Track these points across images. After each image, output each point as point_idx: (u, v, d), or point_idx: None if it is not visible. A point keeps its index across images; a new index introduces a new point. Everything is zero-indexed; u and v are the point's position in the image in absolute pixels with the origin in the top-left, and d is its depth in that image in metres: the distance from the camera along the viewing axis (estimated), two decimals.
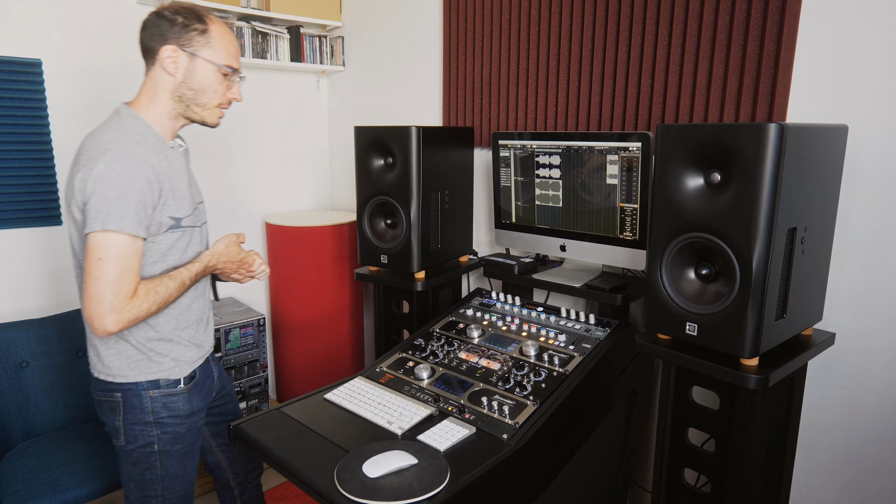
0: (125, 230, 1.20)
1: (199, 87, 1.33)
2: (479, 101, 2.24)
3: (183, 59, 1.31)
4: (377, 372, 1.64)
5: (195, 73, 1.32)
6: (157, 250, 1.31)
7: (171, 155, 1.37)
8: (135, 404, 1.36)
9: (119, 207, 1.19)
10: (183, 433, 1.41)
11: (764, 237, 1.14)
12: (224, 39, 1.35)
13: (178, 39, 1.29)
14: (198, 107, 1.36)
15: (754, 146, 1.12)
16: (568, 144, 1.74)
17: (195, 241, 1.42)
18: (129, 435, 1.36)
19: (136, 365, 1.35)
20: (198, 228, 1.43)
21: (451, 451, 1.27)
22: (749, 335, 1.18)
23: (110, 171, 1.19)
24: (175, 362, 1.40)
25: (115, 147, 1.22)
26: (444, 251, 2.06)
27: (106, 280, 1.19)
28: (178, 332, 1.40)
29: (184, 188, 1.37)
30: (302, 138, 3.02)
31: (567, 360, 1.54)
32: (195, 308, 1.45)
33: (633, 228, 1.64)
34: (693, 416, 1.40)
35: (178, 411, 1.40)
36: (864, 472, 1.50)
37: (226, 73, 1.36)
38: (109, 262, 1.19)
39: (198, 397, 1.46)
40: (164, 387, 1.38)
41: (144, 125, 1.31)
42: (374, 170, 1.96)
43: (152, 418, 1.37)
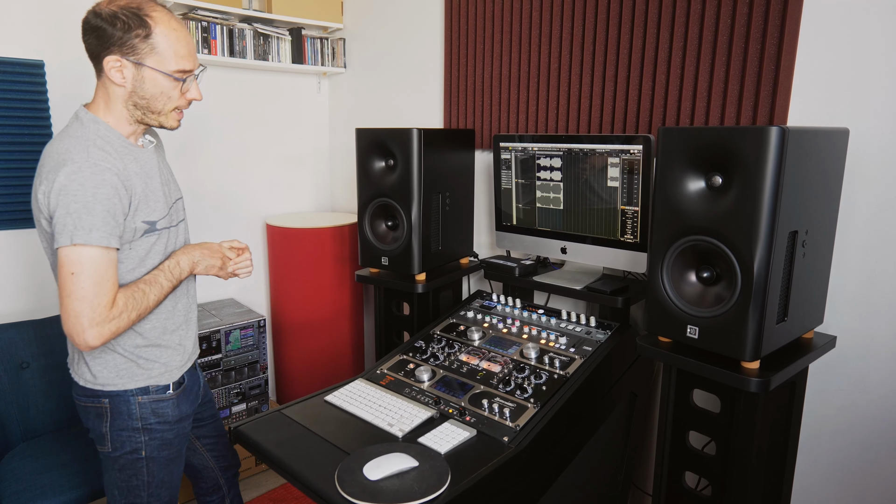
0: (94, 242, 1.15)
1: (150, 95, 1.25)
2: (481, 103, 2.24)
3: (129, 68, 1.22)
4: (378, 374, 1.64)
5: (144, 83, 1.24)
6: (135, 256, 1.28)
7: (141, 155, 1.31)
8: (122, 410, 1.33)
9: (85, 220, 1.14)
10: (171, 439, 1.40)
11: (765, 240, 1.14)
12: (171, 40, 1.23)
13: (120, 49, 1.20)
14: (153, 114, 1.28)
15: (755, 149, 1.12)
16: (569, 147, 1.74)
17: (173, 242, 1.38)
18: (116, 441, 1.35)
19: (125, 373, 1.33)
20: (174, 228, 1.38)
21: (452, 453, 1.27)
22: (750, 338, 1.18)
23: (72, 182, 1.14)
24: (165, 367, 1.38)
25: (75, 156, 1.16)
26: (445, 253, 2.06)
27: (82, 294, 1.15)
28: (165, 335, 1.38)
29: (157, 189, 1.32)
30: (303, 140, 3.02)
31: (568, 362, 1.54)
32: (180, 308, 1.42)
33: (634, 231, 1.64)
34: (694, 419, 1.39)
35: (167, 417, 1.38)
36: (865, 475, 1.50)
37: (179, 76, 1.26)
38: (83, 275, 1.15)
39: (186, 403, 1.44)
40: (153, 392, 1.36)
41: (106, 128, 1.26)
42: (375, 172, 1.97)
43: (140, 424, 1.35)
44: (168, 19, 1.24)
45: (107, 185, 1.17)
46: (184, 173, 2.53)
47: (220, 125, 2.69)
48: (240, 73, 2.72)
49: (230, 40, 2.52)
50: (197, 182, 2.63)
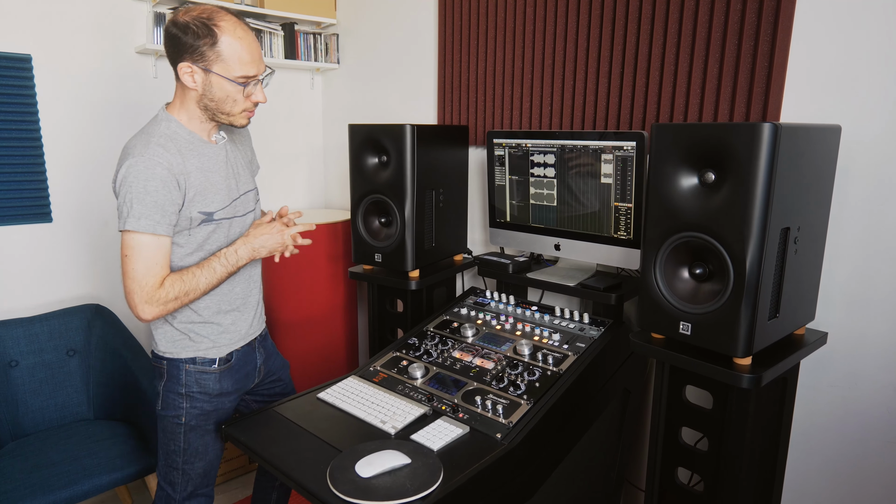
0: (142, 229, 1.28)
1: (218, 98, 1.36)
2: (475, 99, 2.23)
3: (199, 74, 1.33)
4: (371, 371, 1.63)
5: (212, 87, 1.34)
6: (193, 242, 1.39)
7: (208, 150, 1.42)
8: (174, 374, 1.46)
9: (136, 208, 1.27)
10: (209, 411, 1.49)
11: (757, 237, 1.14)
12: (237, 48, 1.33)
13: (191, 55, 1.31)
14: (223, 114, 1.39)
15: (748, 146, 1.12)
16: (562, 143, 1.74)
17: (237, 231, 1.48)
18: (165, 401, 1.48)
19: (178, 343, 1.46)
20: (238, 218, 1.48)
21: (445, 450, 1.27)
22: (742, 335, 1.19)
23: (130, 174, 1.28)
24: (213, 343, 1.48)
25: (136, 150, 1.30)
26: (439, 250, 2.06)
27: (133, 275, 1.30)
28: (219, 315, 1.48)
29: (218, 182, 1.42)
30: (296, 136, 3.00)
31: (561, 359, 1.53)
32: (238, 292, 1.51)
33: (628, 228, 1.64)
34: (686, 415, 1.40)
35: (208, 388, 1.48)
36: (856, 470, 1.51)
37: (242, 82, 1.36)
38: (133, 258, 1.29)
39: (230, 380, 1.51)
40: (199, 364, 1.47)
41: (177, 125, 1.37)
42: (369, 168, 1.96)
43: (184, 390, 1.46)
44: (234, 28, 1.33)
45: (157, 179, 1.28)
46: None
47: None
48: None
49: None
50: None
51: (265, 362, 1.65)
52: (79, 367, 2.11)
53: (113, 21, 2.33)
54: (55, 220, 2.29)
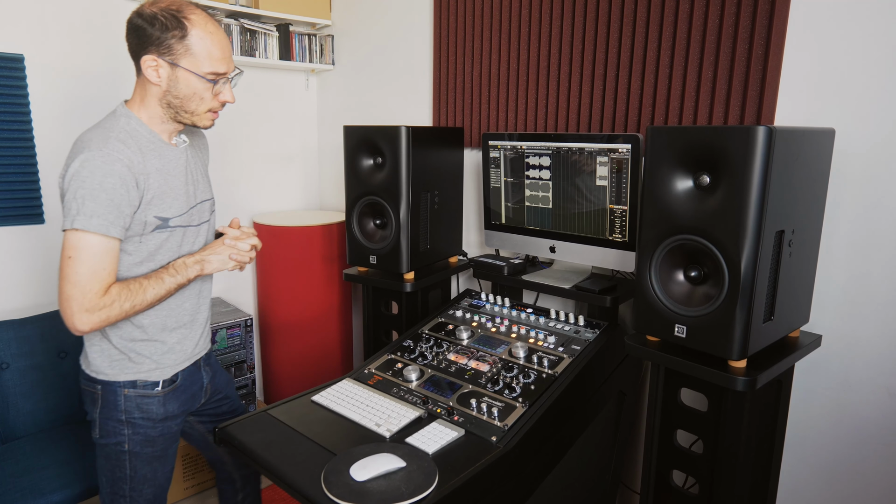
0: (93, 229, 1.18)
1: (184, 95, 1.28)
2: (470, 101, 2.23)
3: (164, 68, 1.25)
4: (365, 373, 1.63)
5: (178, 83, 1.27)
6: (144, 250, 1.30)
7: (168, 152, 1.34)
8: (111, 400, 1.36)
9: (88, 206, 1.18)
10: (154, 437, 1.40)
11: (752, 240, 1.14)
12: (207, 43, 1.26)
13: (157, 48, 1.23)
14: (186, 113, 1.31)
15: (743, 149, 1.12)
16: (558, 146, 1.74)
17: (189, 241, 1.39)
18: (104, 429, 1.37)
19: (117, 364, 1.35)
20: (192, 228, 1.40)
21: (440, 453, 1.26)
22: (737, 337, 1.19)
23: (84, 168, 1.18)
24: (156, 364, 1.38)
25: (93, 145, 1.21)
26: (434, 252, 2.05)
27: (75, 279, 1.19)
28: (164, 333, 1.38)
29: (177, 187, 1.34)
30: (291, 137, 3.00)
31: (556, 361, 1.53)
32: (187, 308, 1.42)
33: (623, 230, 1.64)
34: (681, 417, 1.40)
35: (151, 414, 1.38)
36: (849, 472, 1.51)
37: (212, 79, 1.29)
38: (78, 260, 1.19)
39: (175, 402, 1.43)
40: (140, 387, 1.37)
41: (137, 122, 1.29)
42: (364, 170, 1.95)
43: (124, 417, 1.36)
44: (205, 22, 1.26)
45: (115, 176, 1.20)
46: None
47: None
48: None
49: None
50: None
51: (212, 381, 1.57)
52: (71, 369, 2.09)
53: (105, 21, 2.31)
54: (47, 222, 2.27)
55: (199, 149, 1.51)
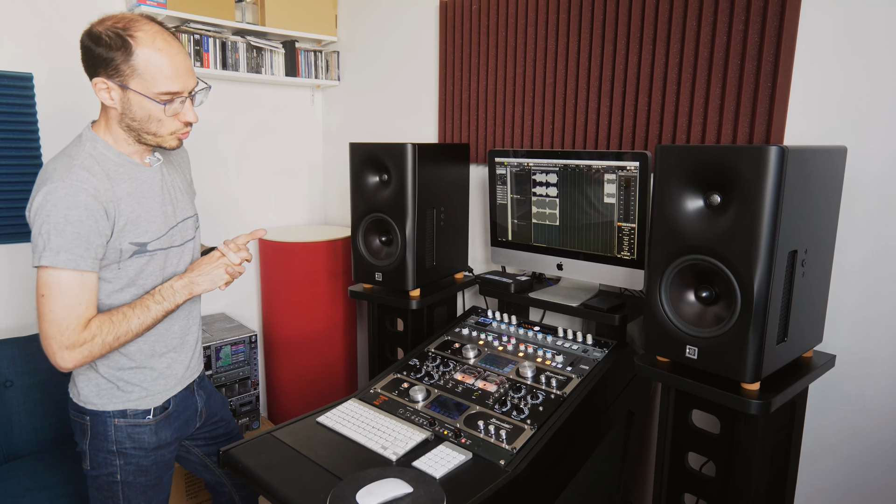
0: (61, 265, 1.13)
1: (140, 118, 1.20)
2: (476, 117, 2.23)
3: (115, 90, 1.18)
4: (371, 394, 1.61)
5: (131, 105, 1.19)
6: (124, 277, 1.25)
7: (140, 174, 1.28)
8: (100, 431, 1.32)
9: (54, 241, 1.12)
10: (147, 466, 1.36)
11: (765, 260, 1.12)
12: (156, 62, 1.16)
13: (105, 70, 1.16)
14: (148, 135, 1.24)
15: (755, 169, 1.11)
16: (565, 163, 1.73)
17: (174, 262, 1.35)
18: (94, 461, 1.33)
19: (105, 394, 1.31)
20: (175, 249, 1.35)
21: (447, 477, 1.24)
22: (750, 359, 1.16)
23: (47, 202, 1.13)
24: (146, 392, 1.34)
25: (56, 175, 1.15)
26: (440, 268, 2.04)
27: (51, 318, 1.14)
28: (153, 359, 1.34)
29: (153, 209, 1.29)
30: (296, 153, 3.00)
31: (565, 381, 1.51)
32: (176, 331, 1.38)
33: (631, 248, 1.62)
34: (693, 440, 1.37)
35: (143, 443, 1.35)
36: (865, 494, 1.48)
37: (164, 100, 1.20)
38: (52, 298, 1.14)
39: (168, 429, 1.39)
40: (131, 416, 1.33)
41: (104, 146, 1.23)
42: (369, 186, 1.94)
43: (115, 447, 1.32)
44: (153, 39, 1.16)
45: (80, 207, 1.14)
46: None
47: (212, 138, 2.67)
48: (232, 86, 2.70)
49: (223, 53, 2.50)
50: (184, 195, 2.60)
51: (206, 404, 1.52)
52: None
53: None
54: None
55: (178, 164, 1.44)
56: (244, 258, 1.35)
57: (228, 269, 1.33)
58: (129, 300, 1.27)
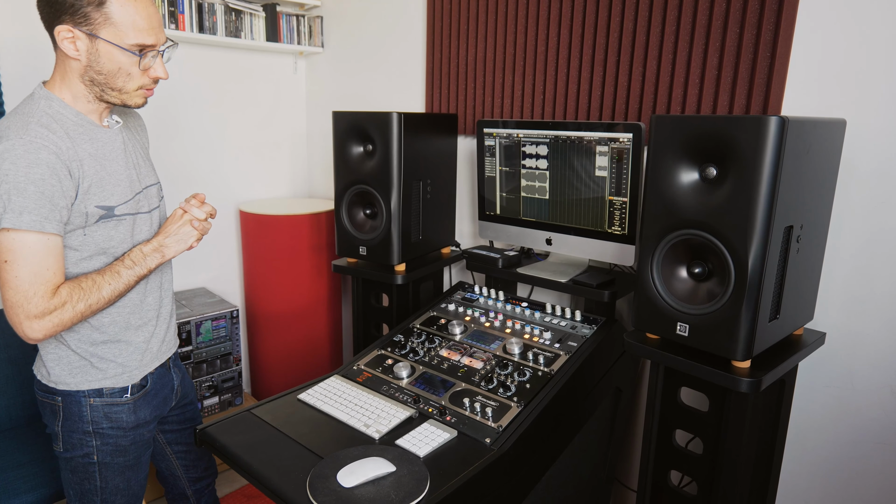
0: (25, 227, 1.05)
1: (108, 71, 1.13)
2: (464, 87, 2.16)
3: (82, 40, 1.10)
4: (354, 370, 1.57)
5: (100, 57, 1.12)
6: (92, 243, 1.18)
7: (101, 135, 1.20)
8: (74, 411, 1.25)
9: (16, 202, 1.04)
10: (126, 446, 1.31)
11: (761, 236, 1.09)
12: (130, 11, 1.10)
13: (72, 17, 1.08)
14: (114, 91, 1.16)
15: (754, 140, 1.06)
16: (556, 134, 1.67)
17: (143, 230, 1.28)
18: (68, 442, 1.27)
19: (79, 372, 1.24)
20: (143, 215, 1.28)
21: (432, 456, 1.21)
22: (742, 337, 1.14)
23: (5, 161, 1.05)
24: (122, 368, 1.28)
25: (12, 133, 1.07)
26: (426, 243, 1.99)
27: (16, 285, 1.07)
28: (128, 332, 1.28)
29: (118, 172, 1.21)
30: (278, 123, 2.90)
31: (552, 358, 1.48)
32: (150, 303, 1.32)
33: (623, 223, 1.58)
34: (681, 417, 1.35)
35: (122, 423, 1.29)
36: (850, 471, 1.48)
37: (138, 51, 1.14)
38: (16, 264, 1.07)
39: (147, 408, 1.33)
40: (107, 395, 1.26)
41: (60, 104, 1.15)
42: (353, 157, 1.88)
43: (91, 428, 1.26)
44: None
45: (42, 165, 1.06)
46: None
47: (189, 106, 2.56)
48: (210, 51, 2.59)
49: (199, 15, 2.38)
50: (163, 167, 2.50)
51: (181, 382, 1.47)
52: None
53: None
54: None
55: (136, 130, 1.36)
56: (209, 212, 1.29)
57: (196, 225, 1.26)
58: (98, 269, 1.20)
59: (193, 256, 2.66)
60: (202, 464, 1.58)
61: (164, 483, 1.58)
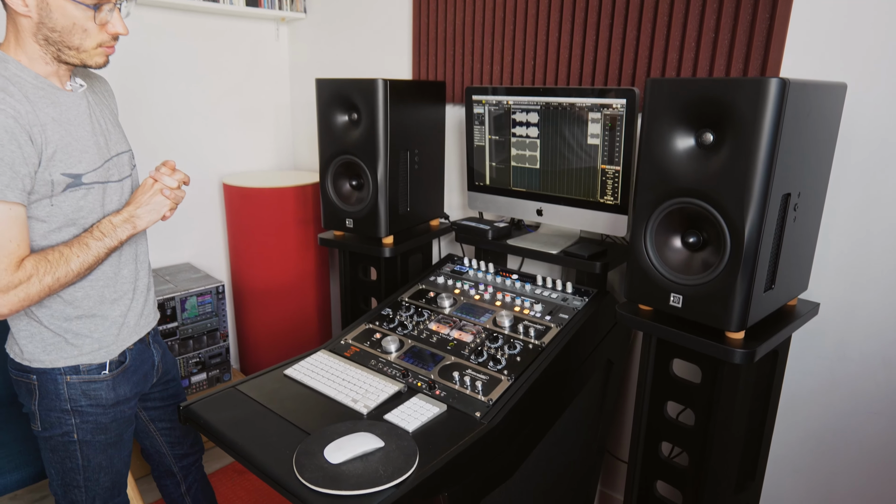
0: None
1: (61, 27, 1.06)
2: (452, 52, 2.08)
3: None
4: (342, 345, 1.54)
5: (51, 12, 1.05)
6: (60, 214, 1.12)
7: (64, 99, 1.14)
8: (50, 389, 1.21)
9: None
10: (106, 423, 1.27)
11: (758, 204, 1.06)
12: None
13: None
14: (71, 50, 1.09)
15: (752, 103, 1.02)
16: (547, 100, 1.61)
17: (114, 199, 1.22)
18: (46, 421, 1.24)
19: (53, 349, 1.20)
20: (114, 184, 1.22)
21: (421, 431, 1.18)
22: (737, 308, 1.11)
23: None
24: (98, 344, 1.23)
25: None
26: (414, 215, 1.94)
27: None
28: (104, 306, 1.23)
29: (84, 138, 1.15)
30: (261, 92, 2.81)
31: (543, 331, 1.46)
32: (125, 275, 1.27)
33: (615, 192, 1.54)
34: (673, 389, 1.34)
35: (101, 400, 1.25)
36: (842, 442, 1.48)
37: (92, 4, 1.07)
38: None
39: (127, 384, 1.30)
40: (84, 373, 1.22)
41: (17, 67, 1.08)
42: (338, 126, 1.81)
43: (69, 406, 1.23)
44: None
45: (0, 130, 1.00)
46: (128, 130, 2.31)
47: (168, 74, 2.47)
48: (187, 17, 2.48)
49: None
50: (140, 139, 2.41)
51: (162, 358, 1.43)
52: None
53: None
54: None
55: (103, 95, 1.29)
56: (181, 180, 1.23)
57: (167, 194, 1.20)
58: (66, 241, 1.14)
59: (177, 231, 2.60)
60: (188, 440, 1.55)
61: (149, 460, 1.56)
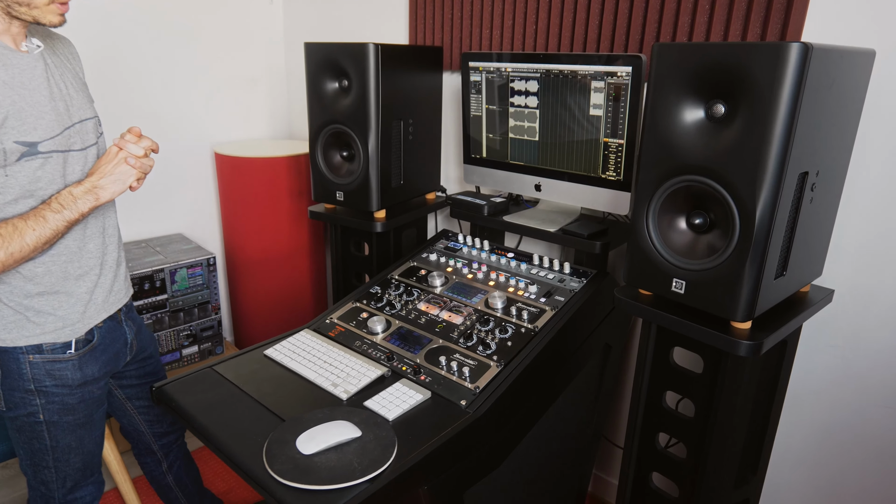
0: None
1: None
2: (450, 16, 1.96)
3: None
4: (327, 324, 1.47)
5: None
6: (16, 185, 1.05)
7: (18, 61, 1.06)
8: (13, 369, 1.16)
9: None
10: (74, 404, 1.22)
11: (772, 183, 0.96)
12: None
13: None
14: (20, 6, 1.01)
15: (770, 71, 0.92)
16: (547, 68, 1.50)
17: (76, 170, 1.14)
18: (10, 401, 1.19)
19: (13, 327, 1.14)
20: (77, 153, 1.14)
21: (401, 420, 1.12)
22: (744, 296, 1.03)
23: None
24: (62, 322, 1.17)
25: None
26: (408, 188, 1.85)
27: None
28: (68, 282, 1.17)
29: (41, 103, 1.07)
30: (255, 57, 2.70)
31: (537, 314, 1.38)
32: (92, 250, 1.20)
33: (618, 167, 1.44)
34: (672, 378, 1.26)
35: (66, 380, 1.20)
36: (849, 438, 1.40)
37: None
38: None
39: (95, 364, 1.24)
40: (48, 352, 1.17)
41: None
42: (328, 94, 1.71)
43: (33, 386, 1.17)
44: None
45: None
46: (110, 97, 2.23)
47: (155, 39, 2.36)
48: None
49: None
50: (127, 107, 2.32)
51: (136, 336, 1.37)
52: None
53: None
54: None
55: (65, 57, 1.20)
56: (148, 147, 1.14)
57: (132, 163, 1.11)
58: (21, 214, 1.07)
59: (170, 201, 2.53)
60: (167, 419, 1.50)
61: (128, 438, 1.51)
